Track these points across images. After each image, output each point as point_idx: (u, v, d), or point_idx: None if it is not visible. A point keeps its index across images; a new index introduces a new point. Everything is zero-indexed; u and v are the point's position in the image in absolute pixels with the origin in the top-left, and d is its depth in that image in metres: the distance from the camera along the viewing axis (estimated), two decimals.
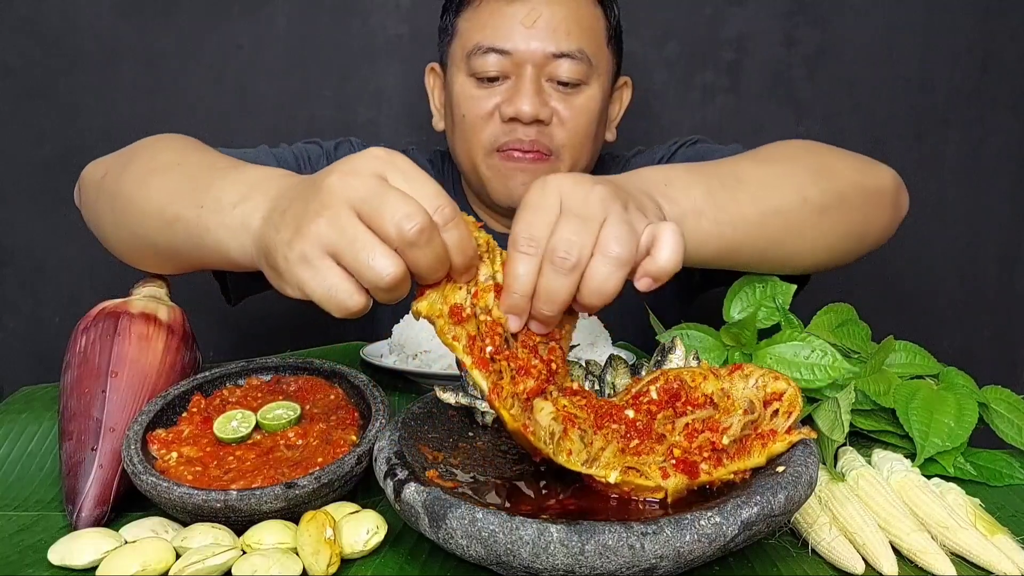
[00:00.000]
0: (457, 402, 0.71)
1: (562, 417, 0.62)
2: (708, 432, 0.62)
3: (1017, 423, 0.81)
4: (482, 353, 0.62)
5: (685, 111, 1.67)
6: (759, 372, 0.65)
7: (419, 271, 0.58)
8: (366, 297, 0.59)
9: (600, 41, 1.15)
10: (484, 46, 1.10)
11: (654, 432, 0.63)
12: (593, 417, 0.64)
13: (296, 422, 0.72)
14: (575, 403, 0.64)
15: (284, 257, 0.61)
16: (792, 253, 0.87)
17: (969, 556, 0.62)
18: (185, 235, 0.75)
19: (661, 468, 0.60)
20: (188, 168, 0.81)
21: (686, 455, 0.61)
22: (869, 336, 0.89)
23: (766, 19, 1.65)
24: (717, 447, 0.61)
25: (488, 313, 0.62)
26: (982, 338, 1.79)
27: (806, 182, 0.86)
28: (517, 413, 0.61)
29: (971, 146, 1.72)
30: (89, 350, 0.75)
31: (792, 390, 0.63)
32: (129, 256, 0.88)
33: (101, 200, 0.88)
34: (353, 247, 0.57)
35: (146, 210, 0.79)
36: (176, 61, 1.58)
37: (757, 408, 0.63)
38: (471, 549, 0.54)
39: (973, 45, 1.69)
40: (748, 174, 0.84)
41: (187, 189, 0.76)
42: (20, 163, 1.59)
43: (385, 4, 1.61)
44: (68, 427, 0.71)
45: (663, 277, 0.64)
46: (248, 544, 0.61)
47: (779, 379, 0.65)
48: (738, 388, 0.64)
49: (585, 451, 0.62)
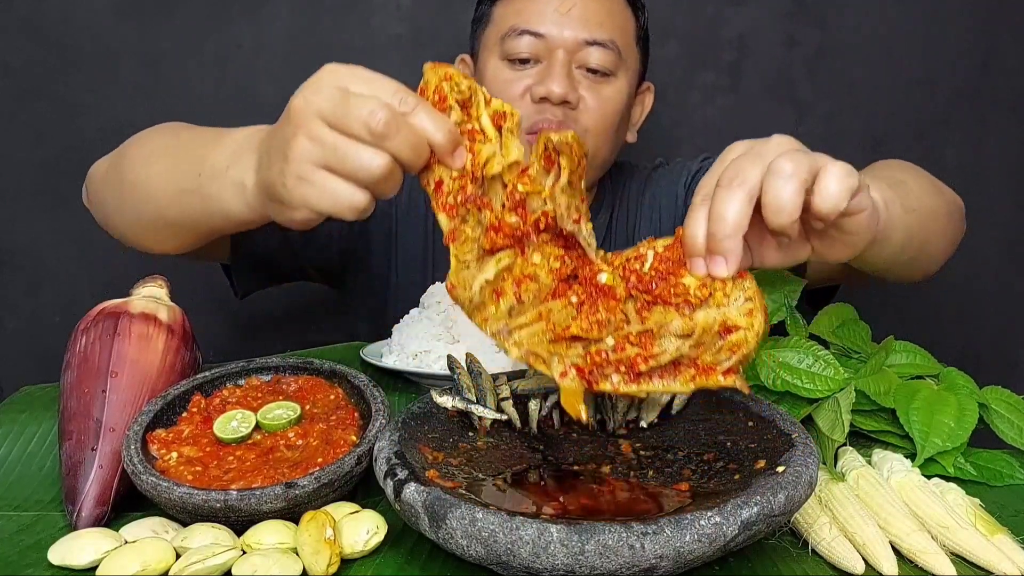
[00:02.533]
0: (453, 406, 0.72)
1: (513, 280, 0.63)
2: (638, 349, 0.61)
3: (1017, 423, 0.81)
4: (450, 199, 0.64)
5: (685, 111, 1.67)
6: (749, 294, 0.62)
7: (402, 159, 0.61)
8: (367, 194, 0.63)
9: (630, 38, 1.18)
10: (519, 28, 1.13)
11: (601, 315, 0.63)
12: (556, 283, 0.64)
13: (296, 422, 0.72)
14: (552, 259, 0.64)
15: (283, 185, 0.64)
16: (932, 255, 0.94)
17: (969, 556, 0.62)
18: (192, 206, 0.79)
19: (566, 366, 0.62)
20: (181, 147, 0.85)
21: (594, 366, 0.62)
22: (869, 336, 0.89)
23: (766, 19, 1.65)
24: (635, 369, 0.61)
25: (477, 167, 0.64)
26: (982, 338, 1.79)
27: (932, 191, 0.93)
28: (467, 261, 0.64)
29: (971, 146, 1.72)
30: (89, 350, 0.75)
31: (744, 334, 0.61)
32: (144, 239, 0.92)
33: (107, 191, 0.93)
34: (336, 153, 0.61)
35: (152, 190, 0.84)
36: (176, 61, 1.58)
37: (706, 340, 0.61)
38: (471, 549, 0.54)
39: (974, 45, 1.68)
40: (899, 177, 0.88)
41: (185, 164, 0.80)
42: (20, 163, 1.59)
43: (385, 4, 1.61)
44: (68, 427, 0.71)
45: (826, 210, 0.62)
46: (248, 544, 0.61)
47: (752, 314, 0.61)
48: (717, 299, 0.62)
49: (503, 321, 0.63)
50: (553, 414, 0.74)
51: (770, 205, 0.61)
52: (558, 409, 0.74)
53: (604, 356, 0.62)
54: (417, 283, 1.03)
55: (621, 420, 0.74)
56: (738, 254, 0.61)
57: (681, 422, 0.73)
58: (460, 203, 0.64)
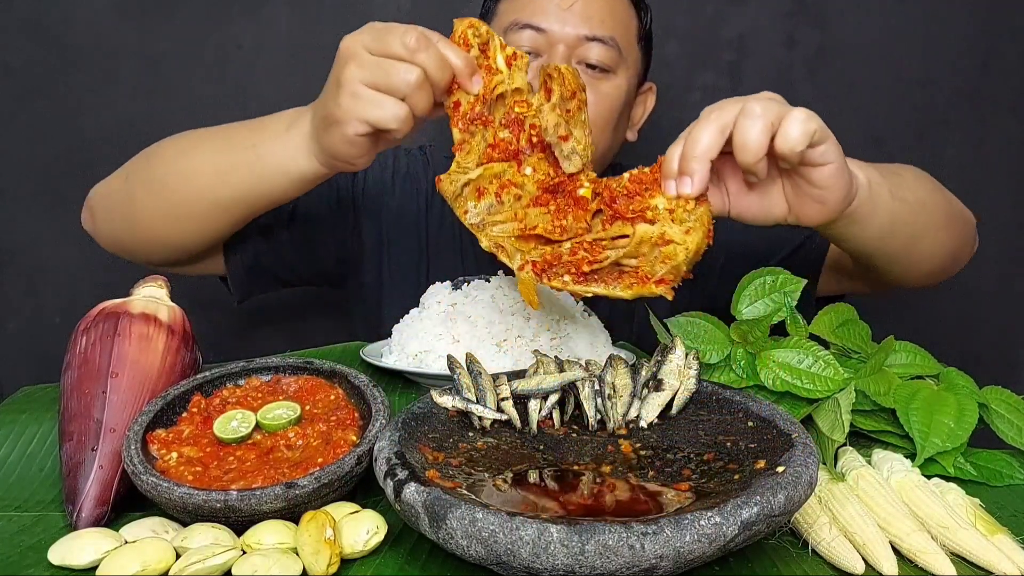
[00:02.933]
0: (453, 406, 0.72)
1: (499, 184, 0.78)
2: (585, 254, 0.74)
3: (1017, 423, 0.81)
4: (464, 117, 0.79)
5: (685, 111, 1.66)
6: (696, 216, 0.73)
7: (430, 72, 0.77)
8: (406, 106, 0.77)
9: (631, 36, 1.18)
10: (521, 22, 1.13)
11: (568, 221, 0.76)
12: (540, 192, 0.78)
13: (296, 422, 0.72)
14: (540, 173, 0.78)
15: (337, 106, 0.78)
16: (927, 252, 0.96)
17: (969, 556, 0.62)
18: (241, 176, 0.91)
19: (526, 260, 0.75)
20: (220, 134, 0.96)
21: (547, 264, 0.75)
22: (869, 336, 0.89)
23: (766, 19, 1.65)
24: (580, 271, 0.73)
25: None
26: (982, 338, 1.79)
27: (934, 191, 0.96)
28: (465, 168, 0.79)
29: (971, 146, 1.72)
30: (89, 351, 0.75)
31: (675, 248, 0.72)
32: (173, 228, 0.98)
33: (136, 196, 0.99)
34: (379, 71, 0.77)
35: (194, 176, 0.94)
36: (176, 61, 1.58)
37: (644, 250, 0.74)
38: (471, 549, 0.54)
39: (974, 45, 1.68)
40: (899, 172, 0.92)
41: (236, 140, 0.92)
42: (20, 163, 1.59)
43: (385, 4, 1.60)
44: (68, 428, 0.71)
45: (786, 149, 0.71)
46: (248, 544, 0.61)
47: (689, 232, 0.72)
48: (676, 216, 0.74)
49: (482, 217, 0.77)
50: (553, 414, 0.74)
51: (737, 142, 0.72)
52: (558, 409, 0.74)
53: (559, 257, 0.75)
54: (409, 292, 1.03)
55: (621, 420, 0.74)
56: (703, 176, 0.73)
57: (681, 422, 0.73)
58: (470, 120, 0.79)
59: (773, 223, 0.81)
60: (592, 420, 0.74)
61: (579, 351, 0.94)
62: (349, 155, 0.82)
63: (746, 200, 0.79)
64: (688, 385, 0.74)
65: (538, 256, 0.75)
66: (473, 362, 0.75)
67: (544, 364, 0.76)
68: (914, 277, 1.01)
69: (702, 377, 0.75)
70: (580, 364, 0.75)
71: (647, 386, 0.75)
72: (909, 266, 0.96)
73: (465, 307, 0.95)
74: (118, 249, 1.06)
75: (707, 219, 0.74)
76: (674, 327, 0.88)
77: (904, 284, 1.03)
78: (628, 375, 0.75)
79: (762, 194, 0.79)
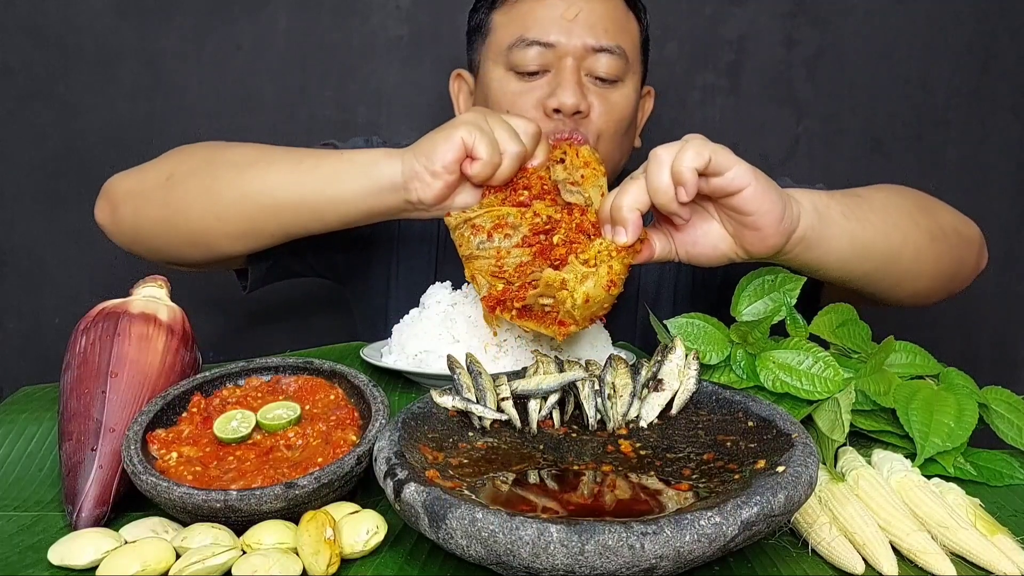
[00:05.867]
0: (453, 406, 0.72)
1: (493, 224, 0.85)
2: (518, 292, 0.83)
3: (1017, 423, 0.81)
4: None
5: (685, 111, 1.67)
6: (596, 261, 0.80)
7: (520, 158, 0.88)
8: (499, 157, 0.86)
9: (634, 42, 1.17)
10: (528, 39, 1.11)
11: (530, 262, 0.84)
12: (530, 233, 0.85)
13: (296, 422, 0.72)
14: (539, 213, 0.85)
15: (458, 118, 0.89)
16: (907, 272, 0.94)
17: (969, 556, 0.62)
18: (322, 174, 0.93)
19: (488, 292, 0.85)
20: (294, 151, 0.98)
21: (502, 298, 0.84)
22: (869, 336, 0.89)
23: (766, 19, 1.65)
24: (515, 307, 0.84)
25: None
26: (982, 338, 1.79)
27: (914, 211, 0.95)
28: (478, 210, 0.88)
29: (971, 146, 1.72)
30: (89, 350, 0.75)
31: (566, 295, 0.79)
32: (224, 237, 0.98)
33: (187, 199, 0.98)
34: (500, 125, 0.88)
35: (268, 174, 0.94)
36: (176, 61, 1.58)
37: (551, 292, 0.81)
38: (471, 549, 0.54)
39: (973, 45, 1.68)
40: (863, 194, 0.91)
41: (311, 152, 0.96)
42: (20, 163, 1.59)
43: (385, 4, 1.60)
44: (68, 427, 0.71)
45: (682, 173, 0.76)
46: (248, 544, 0.61)
47: (582, 280, 0.80)
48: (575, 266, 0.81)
49: (470, 249, 0.86)
50: (553, 414, 0.74)
51: (650, 189, 0.78)
52: (558, 409, 0.74)
53: (507, 293, 0.83)
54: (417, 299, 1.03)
55: (621, 420, 0.74)
56: (636, 225, 0.79)
57: (681, 422, 0.73)
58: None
59: (726, 261, 0.84)
60: (592, 420, 0.74)
61: (579, 351, 0.94)
62: (443, 154, 0.85)
63: (690, 241, 0.84)
64: (688, 385, 0.74)
65: (496, 291, 0.84)
66: (473, 362, 0.75)
67: (544, 364, 0.76)
68: (902, 297, 0.99)
69: (702, 378, 0.75)
70: (580, 364, 0.75)
71: (647, 386, 0.75)
72: (892, 287, 0.95)
73: (465, 307, 0.95)
74: (137, 245, 1.04)
75: (614, 271, 0.80)
76: (674, 327, 0.88)
77: (898, 305, 1.02)
78: (628, 375, 0.75)
79: (704, 233, 0.83)
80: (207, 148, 1.02)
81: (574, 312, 0.80)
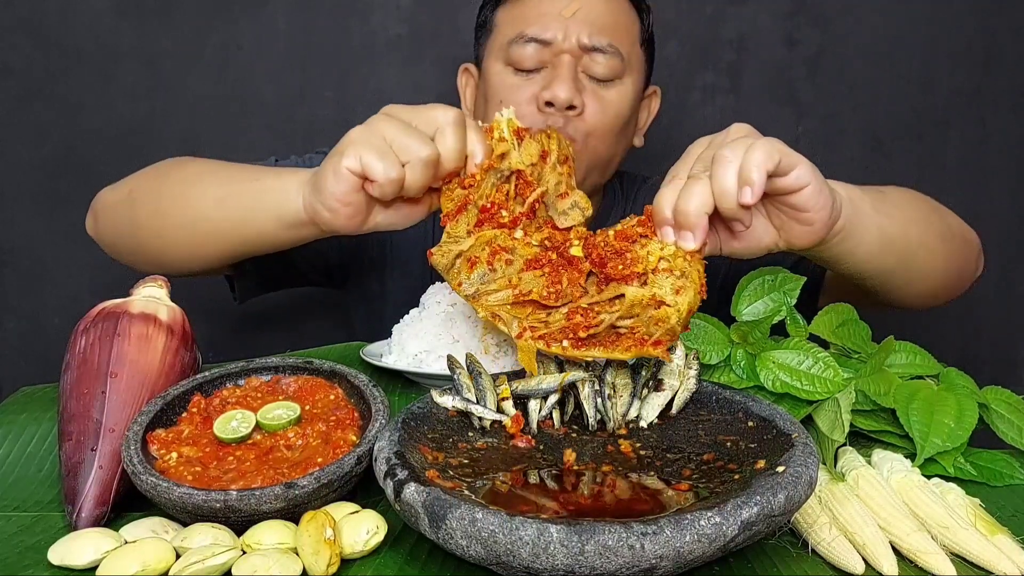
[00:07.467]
0: (453, 406, 0.72)
1: (490, 251, 0.76)
2: (581, 319, 0.72)
3: (1017, 423, 0.81)
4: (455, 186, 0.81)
5: (685, 111, 1.67)
6: (686, 272, 0.72)
7: (444, 157, 0.79)
8: (400, 172, 0.78)
9: (635, 40, 1.18)
10: (526, 35, 1.12)
11: (563, 285, 0.74)
12: (524, 260, 0.76)
13: (296, 422, 0.72)
14: (528, 235, 0.78)
15: (348, 137, 0.80)
16: (919, 270, 0.94)
17: (969, 556, 0.62)
18: (238, 207, 0.90)
19: (524, 327, 0.73)
20: (226, 168, 0.96)
21: (545, 334, 0.73)
22: (869, 336, 0.89)
23: (766, 19, 1.65)
24: (577, 336, 0.71)
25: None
26: (982, 338, 1.79)
27: (927, 211, 0.96)
28: (456, 237, 0.79)
29: (971, 146, 1.72)
30: (89, 351, 0.75)
31: (667, 311, 0.70)
32: (174, 252, 0.97)
33: (139, 217, 0.99)
34: (399, 133, 0.78)
35: (200, 200, 0.93)
36: (176, 61, 1.58)
37: (637, 312, 0.71)
38: (471, 549, 0.54)
39: (974, 45, 1.68)
40: (883, 191, 0.91)
41: (235, 177, 0.93)
42: (20, 163, 1.59)
43: (385, 4, 1.60)
44: (68, 428, 0.71)
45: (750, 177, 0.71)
46: (248, 544, 0.61)
47: (680, 292, 0.70)
48: (660, 279, 0.72)
49: (476, 286, 0.76)
50: (553, 414, 0.74)
51: (716, 191, 0.71)
52: (558, 409, 0.74)
53: (556, 323, 0.73)
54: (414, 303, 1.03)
55: (621, 420, 0.74)
56: (704, 229, 0.72)
57: (681, 422, 0.73)
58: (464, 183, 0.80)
59: (764, 252, 0.81)
60: (592, 420, 0.73)
61: None
62: (332, 188, 0.79)
63: (734, 235, 0.80)
64: (688, 385, 0.74)
65: (536, 322, 0.74)
66: (473, 362, 0.75)
67: (544, 364, 0.76)
68: (913, 296, 1.00)
69: (702, 378, 0.75)
70: (580, 364, 0.75)
71: (647, 386, 0.75)
72: (906, 285, 0.96)
73: (465, 307, 0.95)
74: (117, 256, 1.07)
75: (699, 275, 0.73)
76: None
77: (904, 305, 1.03)
78: (628, 375, 0.75)
79: (751, 228, 0.79)
80: (168, 166, 1.02)
81: (677, 327, 0.72)
